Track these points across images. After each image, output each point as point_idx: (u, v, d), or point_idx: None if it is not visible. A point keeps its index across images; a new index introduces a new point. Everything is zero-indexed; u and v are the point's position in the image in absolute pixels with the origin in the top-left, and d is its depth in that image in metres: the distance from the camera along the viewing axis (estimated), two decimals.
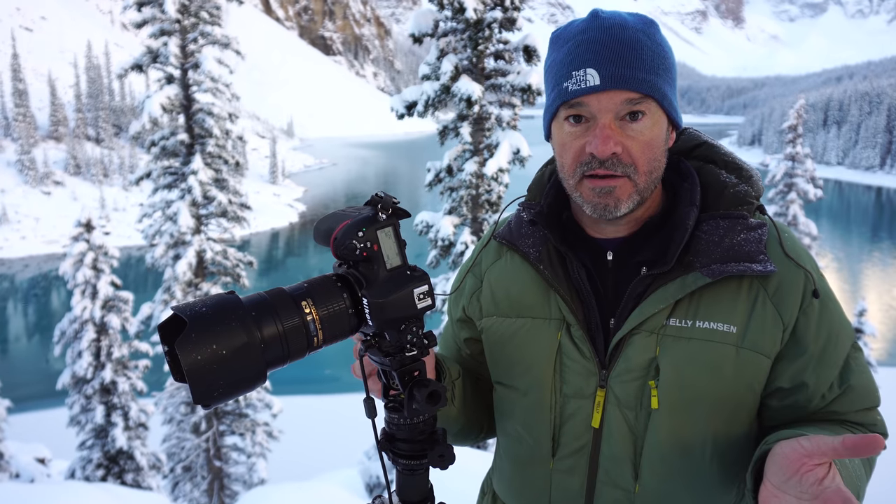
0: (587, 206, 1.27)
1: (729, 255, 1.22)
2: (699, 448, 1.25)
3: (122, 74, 14.00)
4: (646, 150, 1.23)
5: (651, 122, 1.23)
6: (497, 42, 10.82)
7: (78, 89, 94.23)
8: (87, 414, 14.77)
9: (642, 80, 1.20)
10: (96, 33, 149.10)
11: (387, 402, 1.07)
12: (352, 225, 0.98)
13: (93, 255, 14.36)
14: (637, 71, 1.20)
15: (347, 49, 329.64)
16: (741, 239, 1.23)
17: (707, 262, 1.23)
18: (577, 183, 1.26)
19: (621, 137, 1.21)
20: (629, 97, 1.20)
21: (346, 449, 18.81)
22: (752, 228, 1.24)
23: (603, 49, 1.21)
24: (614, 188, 1.22)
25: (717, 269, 1.21)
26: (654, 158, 1.24)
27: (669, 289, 1.24)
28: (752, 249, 1.22)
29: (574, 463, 1.32)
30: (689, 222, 1.26)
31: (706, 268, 1.22)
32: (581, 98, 1.22)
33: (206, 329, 0.83)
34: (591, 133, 1.22)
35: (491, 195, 11.27)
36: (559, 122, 1.29)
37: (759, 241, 1.23)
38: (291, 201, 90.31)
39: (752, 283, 1.23)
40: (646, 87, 1.21)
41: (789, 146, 19.75)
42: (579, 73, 1.21)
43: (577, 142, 1.24)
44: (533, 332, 1.37)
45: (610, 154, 1.20)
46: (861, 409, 1.28)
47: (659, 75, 1.23)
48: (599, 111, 1.21)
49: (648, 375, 1.25)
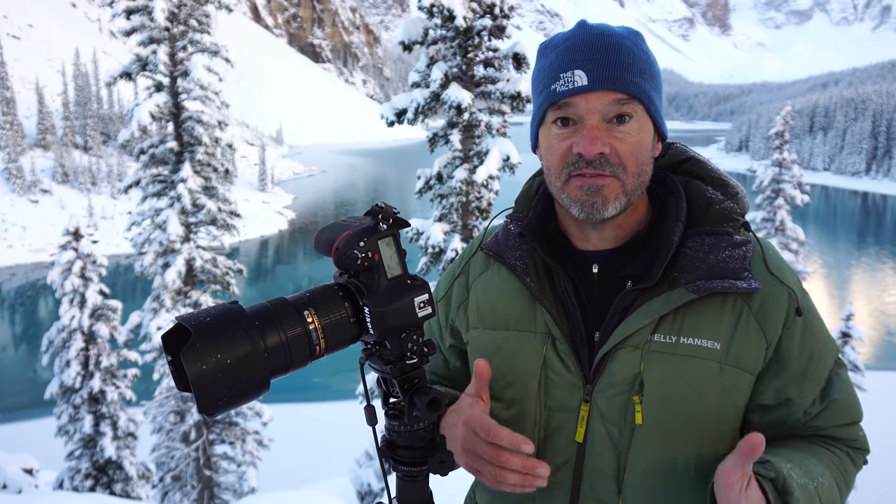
0: (574, 206, 1.26)
1: (714, 271, 1.22)
2: (683, 465, 1.24)
3: (110, 82, 13.96)
4: (633, 151, 1.23)
5: (638, 126, 1.24)
6: (487, 50, 10.86)
7: (66, 97, 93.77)
8: (76, 424, 14.65)
9: (629, 81, 1.22)
10: (84, 41, 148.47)
11: (387, 409, 1.09)
12: (353, 235, 0.99)
13: (81, 264, 14.28)
14: (624, 72, 1.22)
15: (336, 56, 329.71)
16: (726, 256, 1.24)
17: (692, 278, 1.23)
18: (564, 183, 1.27)
19: (609, 138, 1.22)
20: (617, 98, 1.21)
21: (337, 457, 18.75)
22: (737, 245, 1.25)
23: (591, 52, 1.22)
24: (602, 186, 1.23)
25: (702, 286, 1.21)
26: (641, 161, 1.25)
27: (654, 304, 1.24)
28: (737, 266, 1.23)
29: (558, 478, 1.30)
30: (675, 238, 1.27)
31: (691, 284, 1.22)
32: (569, 99, 1.23)
33: (210, 339, 0.84)
34: (578, 134, 1.23)
35: (481, 202, 11.28)
36: (546, 127, 1.30)
37: (744, 258, 1.24)
38: (281, 209, 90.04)
39: (735, 300, 1.24)
40: (633, 89, 1.22)
41: (776, 152, 19.88)
42: (567, 75, 1.23)
43: (565, 143, 1.25)
44: (518, 346, 1.36)
45: (597, 154, 1.20)
46: (842, 423, 1.29)
47: (646, 80, 1.25)
48: (587, 112, 1.22)
49: (633, 391, 1.24)
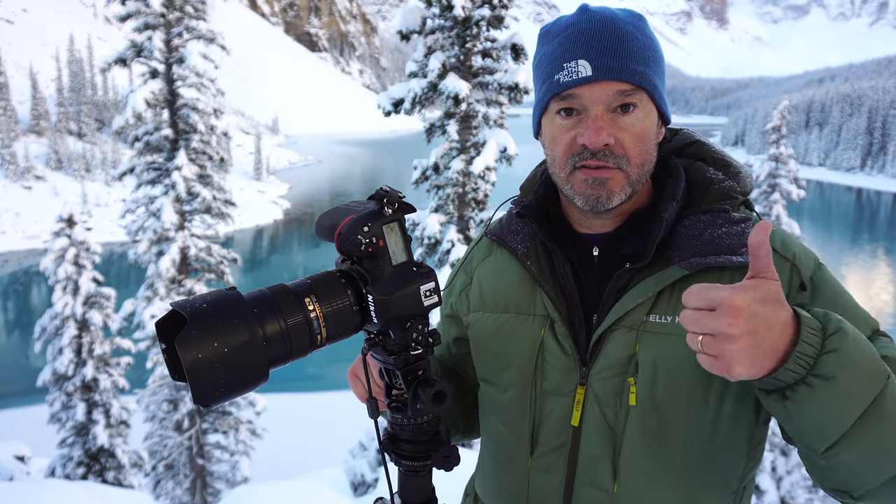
0: (579, 198, 1.25)
1: (709, 248, 1.20)
2: (678, 447, 1.21)
3: (105, 68, 13.85)
4: (638, 141, 1.22)
5: (643, 115, 1.22)
6: (485, 40, 10.79)
7: (60, 83, 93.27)
8: (68, 411, 14.61)
9: (634, 70, 1.20)
10: (79, 27, 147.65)
11: (389, 401, 1.05)
12: (357, 220, 0.95)
13: (74, 251, 14.21)
14: (629, 62, 1.20)
15: (333, 46, 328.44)
16: (722, 232, 1.21)
17: (686, 255, 1.21)
18: (568, 175, 1.25)
19: (613, 129, 1.20)
20: (621, 88, 1.20)
21: (331, 447, 18.80)
22: (735, 222, 1.22)
23: (595, 40, 1.20)
24: (607, 179, 1.21)
25: (695, 262, 1.19)
26: (645, 151, 1.24)
27: (648, 283, 1.22)
28: (734, 242, 1.20)
29: (552, 461, 1.30)
30: (665, 215, 1.24)
31: (685, 261, 1.20)
32: (573, 90, 1.21)
33: (207, 326, 0.81)
34: (582, 125, 1.21)
35: (477, 193, 11.25)
36: (550, 117, 1.28)
37: (742, 234, 1.21)
38: (276, 198, 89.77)
39: (733, 277, 1.20)
40: (638, 79, 1.20)
41: (773, 147, 19.87)
42: (571, 65, 1.20)
43: (569, 134, 1.23)
44: (517, 328, 1.35)
45: (602, 145, 1.19)
46: None
47: (650, 67, 1.23)
48: (591, 102, 1.20)
49: (628, 372, 1.22)
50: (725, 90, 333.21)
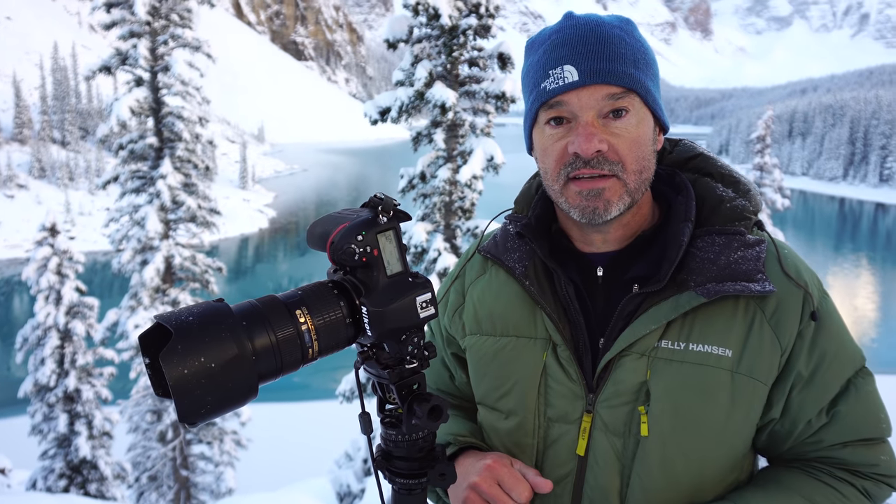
0: (574, 211, 1.20)
1: (725, 273, 1.15)
2: (691, 480, 1.17)
3: (89, 76, 13.78)
4: (633, 147, 1.16)
5: (636, 120, 1.17)
6: (471, 49, 10.81)
7: (44, 91, 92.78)
8: (50, 422, 14.44)
9: (622, 73, 1.15)
10: (63, 35, 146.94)
11: (383, 417, 1.01)
12: (350, 228, 0.91)
13: (57, 260, 14.07)
14: (616, 64, 1.15)
15: (319, 54, 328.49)
16: (738, 257, 1.16)
17: (702, 280, 1.15)
18: (562, 187, 1.20)
19: (606, 135, 1.15)
20: (611, 92, 1.15)
21: (317, 458, 18.66)
22: (750, 246, 1.18)
23: (580, 45, 1.16)
24: (603, 189, 1.16)
25: (712, 289, 1.14)
26: (642, 157, 1.18)
27: (662, 308, 1.17)
28: (750, 268, 1.15)
29: (557, 492, 1.23)
30: (684, 238, 1.19)
31: (701, 287, 1.15)
32: (560, 97, 1.16)
33: (193, 340, 0.77)
34: (573, 133, 1.16)
35: (464, 202, 11.23)
36: (539, 128, 1.23)
37: (758, 258, 1.16)
38: (261, 207, 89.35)
39: (748, 304, 1.16)
40: (627, 81, 1.15)
41: (758, 156, 20.05)
42: (556, 71, 1.16)
43: (559, 143, 1.18)
44: (517, 352, 1.29)
45: (594, 152, 1.14)
46: (849, 440, 1.18)
47: (640, 70, 1.18)
48: (581, 109, 1.15)
49: (638, 400, 1.17)
50: (709, 100, 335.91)
